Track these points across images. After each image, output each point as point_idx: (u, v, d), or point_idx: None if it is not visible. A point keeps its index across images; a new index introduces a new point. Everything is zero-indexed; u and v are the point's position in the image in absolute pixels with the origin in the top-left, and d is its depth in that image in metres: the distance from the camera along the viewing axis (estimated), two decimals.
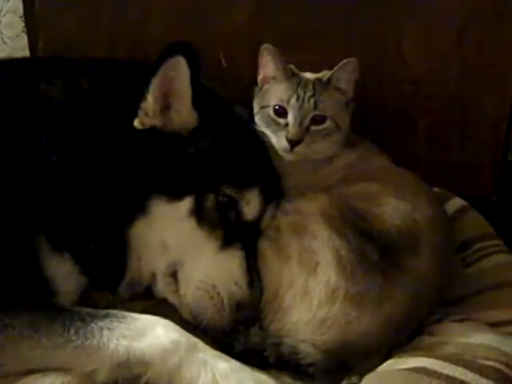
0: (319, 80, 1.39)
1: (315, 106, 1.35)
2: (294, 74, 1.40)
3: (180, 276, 1.24)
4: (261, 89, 1.44)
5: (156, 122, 1.24)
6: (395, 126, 1.59)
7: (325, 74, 1.40)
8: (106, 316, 1.11)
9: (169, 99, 1.24)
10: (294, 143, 1.34)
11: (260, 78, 1.44)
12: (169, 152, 1.23)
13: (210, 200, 1.24)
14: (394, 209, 1.27)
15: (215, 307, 1.21)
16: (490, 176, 1.58)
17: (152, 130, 1.24)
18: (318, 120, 1.36)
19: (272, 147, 1.38)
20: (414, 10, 1.49)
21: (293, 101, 1.35)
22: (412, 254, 1.23)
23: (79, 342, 1.06)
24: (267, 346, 1.20)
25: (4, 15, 1.56)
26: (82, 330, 1.08)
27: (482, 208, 1.50)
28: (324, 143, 1.38)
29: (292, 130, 1.34)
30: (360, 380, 1.13)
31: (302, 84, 1.37)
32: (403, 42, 1.52)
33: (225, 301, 1.21)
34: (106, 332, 1.08)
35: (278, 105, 1.37)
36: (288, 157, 1.37)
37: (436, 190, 1.51)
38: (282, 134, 1.36)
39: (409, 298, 1.21)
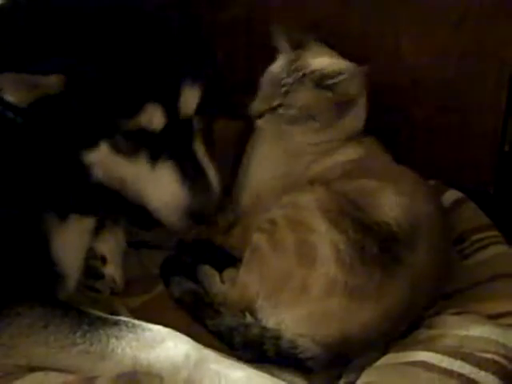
0: (316, 76, 1.36)
1: (285, 95, 1.37)
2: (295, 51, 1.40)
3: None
4: None
5: (28, 99, 1.17)
6: (392, 118, 1.58)
7: (336, 69, 1.37)
8: (115, 323, 1.10)
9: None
10: (254, 116, 1.40)
11: None
12: (59, 114, 1.19)
13: (118, 138, 1.23)
14: (392, 202, 1.27)
15: (170, 222, 1.27)
16: (487, 168, 1.58)
17: (33, 104, 1.18)
18: (286, 106, 1.38)
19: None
20: (412, 2, 1.49)
21: (269, 78, 1.39)
22: (410, 247, 1.23)
23: (84, 346, 1.06)
24: (266, 339, 1.20)
25: None
26: (88, 334, 1.07)
27: (480, 201, 1.50)
28: (293, 128, 1.40)
29: (256, 103, 1.40)
30: (358, 377, 1.13)
31: (292, 69, 1.38)
32: (400, 34, 1.51)
33: (177, 212, 1.25)
34: (113, 340, 1.07)
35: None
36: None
37: (432, 182, 1.50)
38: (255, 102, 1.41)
39: (407, 290, 1.22)
